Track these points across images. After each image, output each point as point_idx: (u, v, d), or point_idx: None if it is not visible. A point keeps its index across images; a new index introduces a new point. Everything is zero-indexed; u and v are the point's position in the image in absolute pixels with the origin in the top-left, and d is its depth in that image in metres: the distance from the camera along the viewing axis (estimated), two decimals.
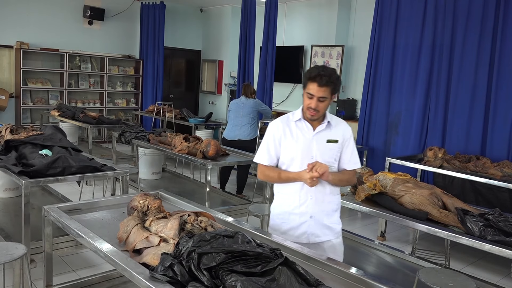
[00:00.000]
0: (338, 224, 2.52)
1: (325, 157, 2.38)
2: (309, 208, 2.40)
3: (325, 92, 2.28)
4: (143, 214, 2.31)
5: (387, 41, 5.92)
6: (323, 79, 2.24)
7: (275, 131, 2.43)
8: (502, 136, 4.89)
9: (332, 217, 2.47)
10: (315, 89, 2.27)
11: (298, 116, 2.42)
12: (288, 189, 2.43)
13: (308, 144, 2.38)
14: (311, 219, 2.41)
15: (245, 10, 7.61)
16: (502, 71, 4.89)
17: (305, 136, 2.39)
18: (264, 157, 2.45)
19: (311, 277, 1.61)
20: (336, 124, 2.45)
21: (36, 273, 3.28)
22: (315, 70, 2.28)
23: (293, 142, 2.39)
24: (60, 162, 3.37)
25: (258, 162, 2.49)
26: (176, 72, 10.48)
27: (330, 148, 2.39)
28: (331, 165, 2.39)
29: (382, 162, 5.39)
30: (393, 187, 3.36)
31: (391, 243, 4.47)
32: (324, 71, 2.26)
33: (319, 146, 2.38)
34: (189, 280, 1.61)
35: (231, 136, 5.71)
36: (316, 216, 2.41)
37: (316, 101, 2.29)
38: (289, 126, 2.42)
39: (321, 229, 2.43)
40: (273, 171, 2.44)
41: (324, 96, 2.29)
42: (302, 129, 2.40)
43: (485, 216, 2.90)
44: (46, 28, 8.35)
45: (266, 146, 2.46)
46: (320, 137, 2.39)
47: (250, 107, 5.71)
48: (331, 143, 2.40)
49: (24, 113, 8.34)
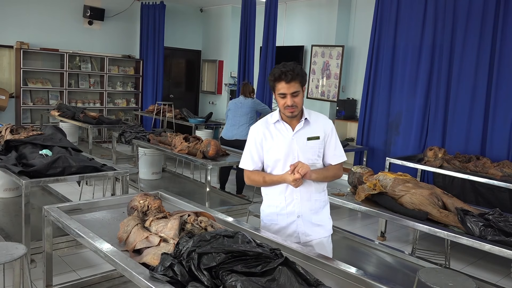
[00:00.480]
0: (329, 220, 2.51)
1: (308, 155, 2.37)
2: (296, 208, 2.40)
3: (294, 86, 2.27)
4: (143, 214, 2.31)
5: (387, 41, 5.92)
6: (288, 75, 2.24)
7: (256, 135, 2.43)
8: (502, 136, 4.89)
9: (320, 214, 2.46)
10: (284, 87, 2.27)
11: (276, 117, 2.41)
12: (274, 190, 2.43)
13: (289, 144, 2.36)
14: (299, 218, 2.40)
15: (245, 10, 7.61)
16: (502, 71, 4.89)
17: (285, 137, 2.38)
18: (248, 162, 2.45)
19: (311, 277, 1.61)
20: (316, 119, 2.43)
21: (36, 273, 3.29)
22: (277, 70, 2.29)
23: (274, 145, 2.39)
24: (60, 162, 3.37)
25: (243, 168, 2.49)
26: (176, 72, 10.48)
27: (311, 146, 2.38)
28: (314, 162, 2.39)
29: (382, 162, 5.39)
30: (393, 187, 3.36)
31: (391, 243, 4.47)
32: (286, 67, 2.26)
33: (300, 145, 2.36)
34: (189, 280, 1.61)
35: (229, 135, 5.71)
36: (304, 215, 2.41)
37: (290, 98, 2.28)
38: (268, 129, 2.41)
39: (310, 227, 2.42)
40: (258, 175, 2.44)
41: (295, 91, 2.28)
42: (281, 130, 2.39)
43: (485, 216, 2.90)
44: (46, 28, 8.36)
45: (249, 151, 2.45)
46: (300, 136, 2.38)
47: (248, 107, 5.71)
48: (312, 141, 2.38)
49: (24, 113, 8.34)
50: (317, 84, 7.87)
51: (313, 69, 7.92)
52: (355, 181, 3.67)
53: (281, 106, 2.33)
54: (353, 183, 3.69)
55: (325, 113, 7.68)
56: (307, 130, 2.39)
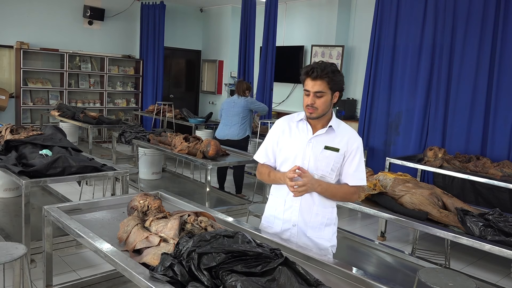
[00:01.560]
0: (328, 241, 2.28)
1: (319, 164, 2.19)
2: (293, 216, 2.25)
3: (320, 86, 2.12)
4: (143, 214, 2.31)
5: (387, 41, 5.92)
6: (315, 71, 2.11)
7: (276, 130, 2.32)
8: (502, 136, 4.89)
9: (320, 231, 2.26)
10: (309, 83, 2.14)
11: (301, 116, 2.27)
12: (277, 192, 2.32)
13: (303, 147, 2.21)
14: (293, 227, 2.25)
15: (245, 10, 7.61)
16: (503, 71, 4.88)
17: (302, 138, 2.23)
18: (261, 155, 2.36)
19: (311, 277, 1.61)
20: (342, 131, 2.24)
21: (36, 273, 3.29)
22: (310, 65, 2.17)
23: (289, 142, 2.26)
24: (60, 162, 3.37)
25: (256, 159, 2.41)
26: (176, 72, 10.48)
27: (326, 156, 2.19)
28: (325, 174, 2.20)
29: (382, 162, 5.39)
30: (393, 187, 3.36)
31: (391, 243, 4.47)
32: (318, 65, 2.13)
33: (314, 152, 2.20)
34: (189, 280, 1.61)
35: (221, 135, 5.71)
36: (300, 226, 2.24)
37: (313, 97, 2.14)
38: (290, 125, 2.29)
39: (304, 241, 2.24)
40: (266, 168, 2.33)
41: (320, 91, 2.12)
42: (302, 130, 2.25)
43: (485, 216, 2.90)
44: (46, 28, 8.36)
45: (265, 144, 2.36)
46: (318, 141, 2.21)
47: (240, 107, 5.65)
48: (329, 151, 2.19)
49: (24, 113, 8.34)
50: None
51: None
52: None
53: (304, 104, 2.20)
54: None
55: None
56: (328, 139, 2.21)
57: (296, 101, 8.43)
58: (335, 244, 2.33)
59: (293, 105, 8.43)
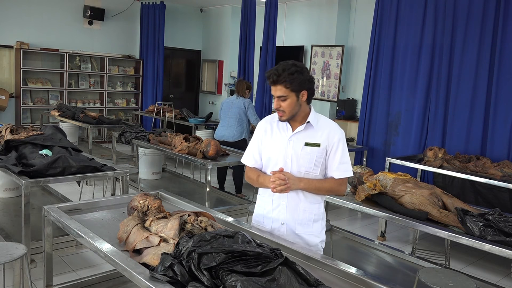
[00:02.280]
0: (317, 236, 2.30)
1: (302, 161, 2.20)
2: (281, 214, 2.27)
3: (280, 90, 2.12)
4: (143, 214, 2.31)
5: (387, 41, 5.92)
6: (271, 78, 2.12)
7: (260, 131, 2.35)
8: (502, 136, 4.89)
9: (308, 227, 2.27)
10: (272, 89, 2.17)
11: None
12: (265, 192, 2.35)
13: (284, 145, 2.23)
14: (283, 226, 2.28)
15: (245, 10, 7.61)
16: (503, 71, 4.89)
17: (282, 137, 2.25)
18: (249, 158, 2.38)
19: (311, 277, 1.61)
20: (322, 126, 2.24)
21: (36, 273, 3.29)
22: (269, 70, 2.16)
23: (270, 142, 2.28)
24: (60, 162, 3.37)
25: (243, 163, 2.42)
26: (176, 72, 10.48)
27: (307, 153, 2.20)
28: (309, 171, 2.21)
29: (382, 162, 5.39)
30: (393, 187, 3.36)
31: (391, 243, 4.47)
32: (275, 69, 2.12)
33: (295, 149, 2.21)
34: (189, 280, 1.61)
35: (218, 136, 5.70)
36: (288, 224, 2.27)
37: (277, 101, 2.16)
38: (271, 125, 2.31)
39: (293, 238, 2.26)
40: (254, 173, 2.34)
41: (281, 95, 2.13)
42: (282, 129, 2.27)
43: (485, 216, 2.90)
44: (46, 28, 8.36)
45: (251, 147, 2.38)
46: (298, 138, 2.22)
47: (237, 108, 5.61)
48: (310, 147, 2.20)
49: (24, 113, 8.34)
50: (317, 84, 7.86)
51: (313, 69, 7.91)
52: (355, 181, 3.67)
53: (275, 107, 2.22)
54: (353, 183, 3.70)
55: (325, 113, 7.68)
56: (308, 135, 2.22)
57: None
58: (324, 239, 2.35)
59: None
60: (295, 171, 2.21)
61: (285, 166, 2.21)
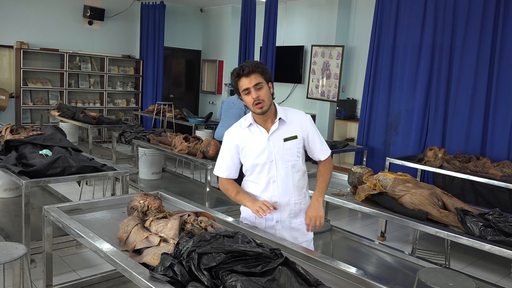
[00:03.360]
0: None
1: (286, 157, 2.27)
2: (275, 213, 2.30)
3: (256, 78, 2.18)
4: (143, 214, 2.31)
5: (387, 41, 5.92)
6: (245, 68, 2.17)
7: (230, 141, 2.34)
8: (502, 136, 4.89)
9: (301, 217, 2.35)
10: (245, 81, 2.18)
11: (249, 121, 2.31)
12: (254, 192, 2.35)
13: (265, 148, 2.26)
14: (277, 223, 2.32)
15: (245, 10, 7.62)
16: (502, 71, 4.88)
17: (260, 141, 2.27)
18: (221, 170, 2.38)
19: (311, 277, 1.61)
20: (292, 118, 2.32)
21: (36, 273, 3.29)
22: (234, 70, 2.23)
23: (250, 150, 2.29)
24: (60, 162, 3.37)
25: (216, 175, 2.42)
26: (176, 72, 10.48)
27: (288, 147, 2.27)
28: (294, 163, 2.29)
29: (382, 162, 5.39)
30: (393, 187, 3.36)
31: (391, 243, 4.47)
32: (245, 63, 2.21)
33: (277, 148, 2.26)
34: (189, 280, 1.61)
35: (218, 135, 5.68)
36: (283, 220, 2.32)
37: (254, 91, 2.18)
38: (242, 134, 2.32)
39: (289, 232, 2.33)
40: (232, 187, 2.37)
41: (257, 82, 2.18)
42: (256, 134, 2.29)
43: (485, 216, 2.89)
44: (46, 28, 8.36)
45: (223, 158, 2.38)
46: (276, 137, 2.27)
47: (238, 109, 5.61)
48: (289, 141, 2.27)
49: (24, 113, 8.34)
50: (317, 84, 7.87)
51: (313, 69, 7.92)
52: (355, 181, 3.67)
53: (249, 104, 2.22)
54: (353, 183, 3.70)
55: (325, 113, 7.69)
56: (283, 131, 2.28)
57: (296, 101, 8.43)
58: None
59: (293, 105, 8.43)
60: (281, 168, 2.28)
61: (271, 166, 2.27)
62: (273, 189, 2.30)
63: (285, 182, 2.29)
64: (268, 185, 2.30)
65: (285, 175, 2.29)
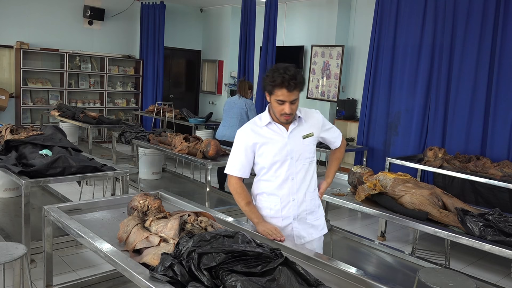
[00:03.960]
0: (323, 219, 2.47)
1: (304, 154, 2.32)
2: (291, 211, 2.32)
3: (295, 95, 2.19)
4: (143, 214, 2.31)
5: (387, 41, 5.92)
6: (291, 84, 2.14)
7: (246, 139, 2.32)
8: (502, 136, 4.89)
9: (316, 213, 2.42)
10: (285, 95, 2.16)
11: (267, 119, 2.30)
12: (269, 190, 2.33)
13: (285, 146, 2.28)
14: (294, 221, 2.33)
15: (245, 10, 7.62)
16: (502, 71, 4.88)
17: (280, 139, 2.29)
18: (235, 168, 2.34)
19: (311, 277, 1.61)
20: (308, 116, 2.37)
21: (36, 273, 3.29)
22: (278, 75, 2.15)
23: (269, 148, 2.28)
24: (60, 162, 3.37)
25: (229, 174, 2.37)
26: (176, 72, 10.48)
27: (307, 144, 2.33)
28: (312, 160, 2.37)
29: (382, 162, 5.39)
30: (393, 187, 3.36)
31: (391, 243, 4.47)
32: (289, 74, 2.14)
33: (297, 145, 2.30)
34: (189, 280, 1.61)
35: (220, 135, 5.70)
36: (300, 217, 2.34)
37: (289, 106, 2.19)
38: (260, 132, 2.31)
39: (306, 229, 2.35)
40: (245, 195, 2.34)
41: (295, 99, 2.20)
42: (276, 132, 2.30)
43: (485, 216, 2.89)
44: (46, 28, 8.36)
45: (237, 156, 2.34)
46: (295, 135, 2.31)
47: (239, 108, 5.61)
48: (307, 139, 2.33)
49: (24, 113, 8.34)
50: (317, 84, 7.87)
51: (313, 69, 7.92)
52: (355, 181, 3.67)
53: (277, 112, 2.23)
54: (353, 183, 3.70)
55: (325, 113, 7.69)
56: (301, 128, 2.32)
57: None
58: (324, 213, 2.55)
59: None
60: (300, 164, 2.32)
61: (291, 163, 2.29)
62: (291, 186, 2.31)
63: (302, 178, 2.34)
64: (286, 182, 2.31)
65: (303, 172, 2.33)
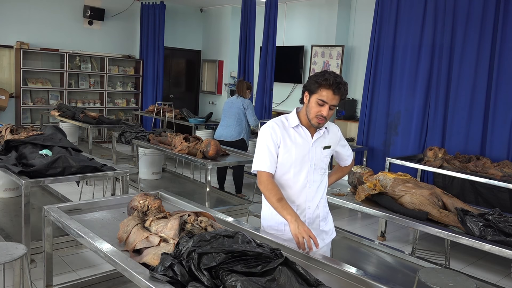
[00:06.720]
0: (331, 222, 2.50)
1: (321, 164, 2.35)
2: (306, 217, 2.32)
3: (337, 100, 2.17)
4: (143, 214, 2.31)
5: (387, 41, 5.92)
6: (341, 88, 2.14)
7: (273, 135, 2.26)
8: (502, 136, 4.89)
9: (328, 219, 2.45)
10: (329, 96, 2.14)
11: (295, 121, 2.28)
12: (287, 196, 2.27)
13: (308, 152, 2.28)
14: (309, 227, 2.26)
15: (245, 10, 7.62)
16: (502, 71, 4.88)
17: (305, 144, 2.28)
18: (265, 163, 2.24)
19: (311, 277, 1.61)
20: (329, 128, 2.38)
21: (36, 273, 3.29)
22: (331, 76, 2.14)
23: (292, 149, 2.26)
24: (60, 162, 3.37)
25: (259, 170, 2.26)
26: (176, 72, 10.48)
27: (325, 155, 2.36)
28: (326, 171, 2.41)
29: (382, 162, 5.39)
30: (393, 187, 3.36)
31: (391, 243, 4.47)
32: (339, 79, 2.15)
33: (317, 154, 2.31)
34: (189, 280, 1.61)
35: (218, 135, 5.71)
36: (315, 224, 2.35)
37: (327, 109, 2.16)
38: (287, 132, 2.28)
39: (319, 235, 2.33)
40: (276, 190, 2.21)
41: (335, 104, 2.18)
42: (302, 136, 2.28)
43: (485, 216, 2.89)
44: (46, 28, 8.36)
45: (267, 151, 2.25)
46: (318, 144, 2.32)
47: (237, 108, 5.62)
48: (326, 150, 2.35)
49: (24, 113, 8.34)
50: None
51: (313, 69, 7.91)
52: (355, 181, 3.67)
53: (313, 112, 2.19)
54: (353, 183, 3.70)
55: None
56: (323, 139, 2.34)
57: (296, 101, 8.38)
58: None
59: (293, 105, 8.41)
60: (317, 173, 2.35)
61: (309, 170, 2.30)
62: (308, 193, 2.32)
63: (317, 187, 2.35)
64: (304, 189, 2.31)
65: (319, 181, 2.35)
